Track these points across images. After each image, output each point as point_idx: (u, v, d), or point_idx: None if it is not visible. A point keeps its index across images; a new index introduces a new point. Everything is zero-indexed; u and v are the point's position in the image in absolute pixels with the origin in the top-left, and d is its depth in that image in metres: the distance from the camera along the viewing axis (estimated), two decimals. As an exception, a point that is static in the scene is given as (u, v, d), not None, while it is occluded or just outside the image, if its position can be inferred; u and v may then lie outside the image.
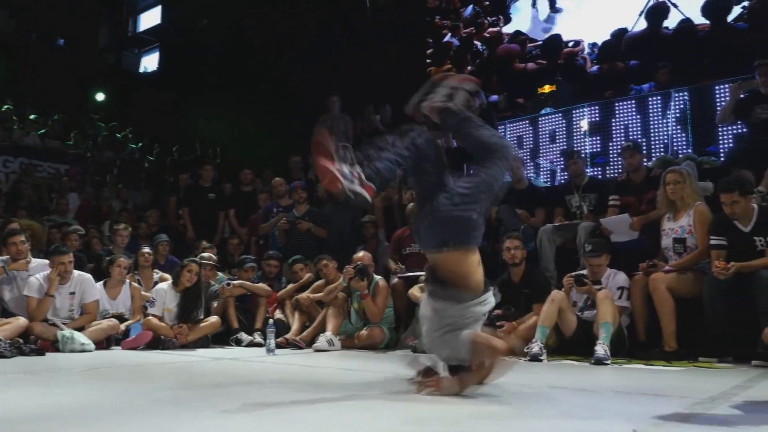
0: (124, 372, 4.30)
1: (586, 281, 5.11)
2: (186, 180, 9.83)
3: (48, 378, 3.95)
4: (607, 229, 5.78)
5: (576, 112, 8.26)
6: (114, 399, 3.10)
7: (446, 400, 2.93)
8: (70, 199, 9.96)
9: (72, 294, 5.90)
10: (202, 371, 4.43)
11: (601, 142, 7.95)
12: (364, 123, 10.94)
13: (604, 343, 4.62)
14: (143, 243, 8.00)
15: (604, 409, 2.83)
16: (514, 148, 2.56)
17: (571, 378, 4.03)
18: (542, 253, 6.20)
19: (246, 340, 6.30)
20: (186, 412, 2.68)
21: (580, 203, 6.38)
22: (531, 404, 3.02)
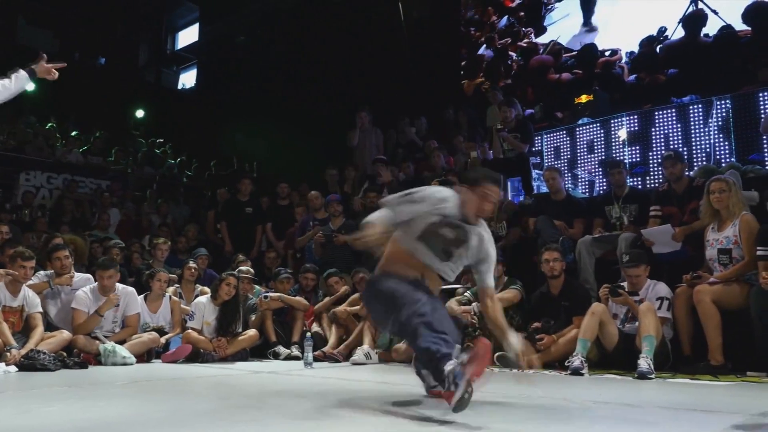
0: (164, 385, 4.34)
1: (622, 292, 5.02)
2: (224, 194, 9.95)
3: (91, 391, 4.02)
4: (649, 240, 5.66)
5: (614, 121, 8.14)
6: (156, 412, 3.13)
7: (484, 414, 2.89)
8: (111, 214, 10.16)
9: (116, 307, 5.99)
10: (241, 384, 4.45)
11: (640, 152, 7.82)
12: (399, 135, 10.97)
13: (647, 356, 4.51)
14: (182, 257, 8.11)
15: (651, 426, 2.76)
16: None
17: (615, 392, 3.94)
18: (581, 265, 6.10)
19: (284, 353, 6.32)
20: (227, 425, 2.69)
21: (621, 214, 6.26)
22: (575, 419, 2.95)
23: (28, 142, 12.49)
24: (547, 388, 4.24)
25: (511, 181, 8.47)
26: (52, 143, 12.80)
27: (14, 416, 2.92)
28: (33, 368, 4.82)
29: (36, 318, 5.50)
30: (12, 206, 10.59)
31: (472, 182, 3.41)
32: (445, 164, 8.87)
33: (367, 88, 12.15)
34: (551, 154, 8.69)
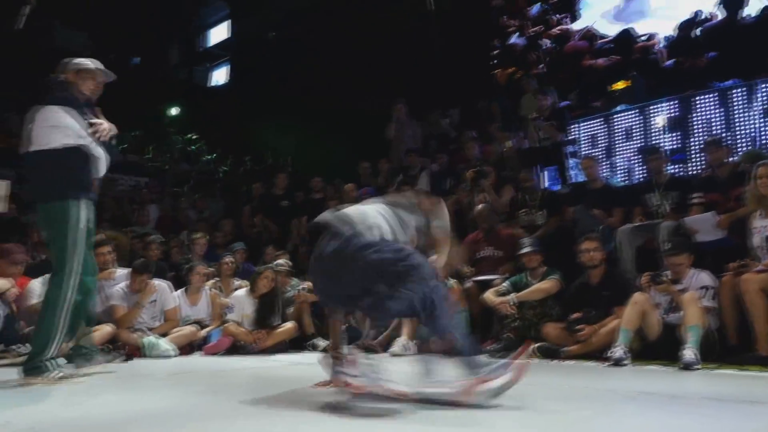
0: (206, 377, 4.40)
1: (664, 280, 4.92)
2: (259, 189, 10.03)
3: (136, 383, 4.09)
4: (692, 228, 5.54)
5: (653, 107, 7.97)
6: (198, 404, 3.17)
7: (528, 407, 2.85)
8: (150, 211, 10.32)
9: (153, 302, 6.11)
10: (281, 376, 4.48)
11: (680, 138, 7.64)
12: (432, 127, 10.92)
13: (692, 347, 4.41)
14: (220, 251, 8.20)
15: (698, 417, 2.70)
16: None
17: (659, 383, 3.87)
18: (621, 255, 5.99)
19: (321, 345, 6.35)
20: (269, 416, 2.71)
21: (661, 201, 6.14)
22: (621, 410, 2.91)
23: (67, 141, 12.73)
24: (588, 378, 4.19)
25: (547, 170, 8.37)
26: (90, 142, 13.04)
27: (64, 407, 2.99)
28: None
29: (81, 312, 5.62)
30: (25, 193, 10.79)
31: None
32: (479, 155, 8.80)
33: (399, 81, 12.11)
34: (588, 142, 8.55)
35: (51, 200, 3.89)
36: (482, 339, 6.08)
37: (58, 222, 3.85)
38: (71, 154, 3.89)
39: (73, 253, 3.82)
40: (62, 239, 3.82)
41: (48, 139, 3.89)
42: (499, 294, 5.84)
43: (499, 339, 5.67)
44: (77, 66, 4.24)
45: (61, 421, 2.58)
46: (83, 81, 4.21)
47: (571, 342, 5.29)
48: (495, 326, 5.98)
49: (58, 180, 3.87)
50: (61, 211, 3.84)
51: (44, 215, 3.96)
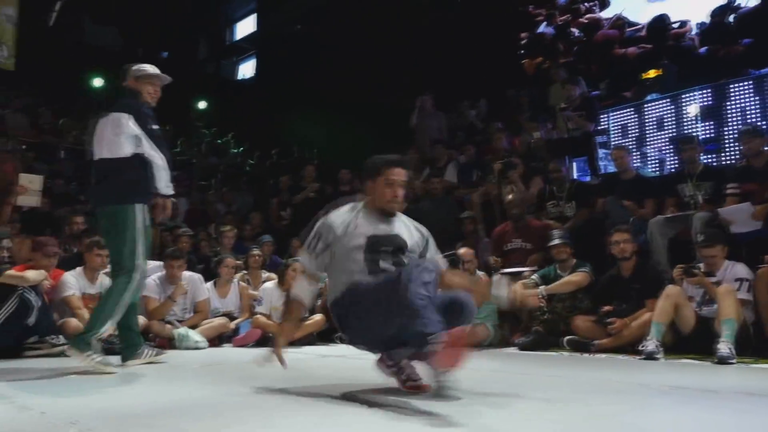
0: (236, 369, 4.43)
1: (697, 272, 4.82)
2: (287, 182, 10.08)
3: (168, 373, 4.13)
4: (727, 219, 5.42)
5: (685, 96, 7.82)
6: (230, 395, 3.19)
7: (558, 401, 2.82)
8: (179, 204, 10.44)
9: (184, 294, 6.17)
10: (310, 368, 4.49)
11: (714, 127, 7.49)
12: (459, 119, 10.85)
13: (728, 340, 4.32)
14: (248, 244, 8.26)
15: (735, 413, 2.64)
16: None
17: (693, 378, 3.80)
18: (653, 246, 5.89)
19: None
20: (299, 408, 2.72)
21: (695, 192, 6.02)
22: (654, 405, 2.86)
23: (98, 136, 12.93)
24: (620, 372, 4.13)
25: (576, 161, 8.27)
26: (120, 137, 13.23)
27: (98, 398, 3.04)
28: (112, 352, 4.99)
29: (113, 304, 5.71)
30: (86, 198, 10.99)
31: (371, 173, 3.29)
32: (507, 146, 8.72)
33: (426, 72, 12.05)
34: (618, 132, 8.43)
35: (115, 204, 4.07)
36: (511, 332, 6.05)
37: (124, 225, 4.04)
38: (135, 162, 4.06)
39: (139, 252, 4.05)
40: (130, 241, 4.03)
41: (115, 148, 4.06)
42: (529, 287, 5.79)
43: (528, 332, 5.62)
44: (136, 72, 4.39)
45: (97, 412, 2.61)
46: (143, 86, 4.37)
47: (601, 335, 5.23)
48: (524, 319, 5.94)
49: (122, 186, 4.05)
50: (124, 214, 4.03)
51: (108, 218, 4.14)
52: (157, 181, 4.10)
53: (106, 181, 4.10)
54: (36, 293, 4.75)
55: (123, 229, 4.01)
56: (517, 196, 6.84)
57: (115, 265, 4.13)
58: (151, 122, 4.20)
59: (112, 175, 4.06)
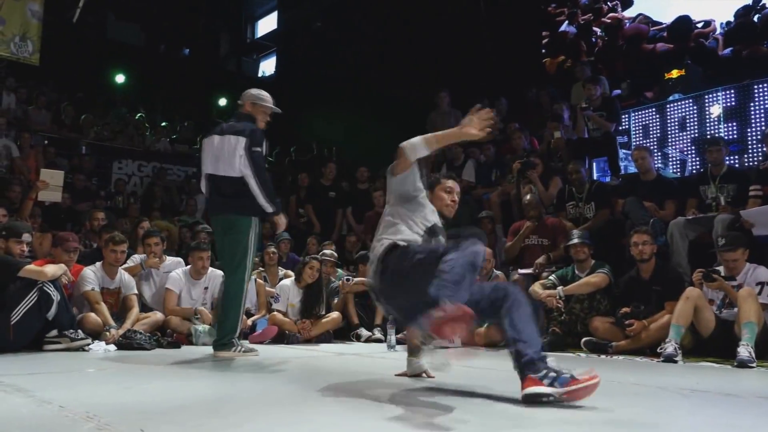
0: (253, 365, 4.45)
1: (717, 276, 4.76)
2: (305, 179, 10.10)
3: (185, 369, 4.16)
4: (749, 221, 5.35)
5: (708, 97, 7.71)
6: (247, 391, 3.21)
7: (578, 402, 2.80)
8: (198, 200, 10.51)
9: (206, 289, 6.21)
10: (326, 366, 4.51)
11: (737, 128, 7.38)
12: (478, 117, 10.78)
13: (748, 344, 4.27)
14: (266, 241, 8.28)
15: (753, 417, 2.60)
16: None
17: (713, 381, 3.75)
18: (674, 248, 5.84)
19: (365, 335, 6.38)
20: (316, 405, 2.73)
21: (717, 194, 5.94)
22: (673, 408, 2.83)
23: (119, 132, 13.08)
24: (638, 374, 4.09)
25: (596, 162, 8.20)
26: (141, 133, 13.36)
27: (117, 393, 3.06)
28: (130, 347, 5.05)
29: (132, 299, 5.77)
30: (106, 194, 11.12)
31: (432, 185, 3.66)
32: (527, 145, 8.67)
33: (447, 70, 12.01)
34: (639, 133, 8.34)
35: (237, 215, 4.65)
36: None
37: (241, 232, 4.64)
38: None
39: (250, 256, 4.69)
40: (244, 246, 4.64)
41: (237, 167, 4.60)
42: (546, 287, 5.75)
43: (545, 333, 5.58)
44: (254, 98, 4.93)
45: (115, 406, 2.63)
46: (257, 112, 4.89)
47: (620, 337, 5.19)
48: (541, 320, 5.90)
49: (245, 200, 4.61)
50: (246, 224, 4.64)
51: (227, 225, 4.71)
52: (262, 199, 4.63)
53: (233, 195, 4.64)
54: (55, 287, 4.80)
55: (244, 236, 4.62)
56: (534, 198, 6.80)
57: (235, 265, 4.68)
58: (260, 146, 4.66)
59: (238, 190, 4.59)
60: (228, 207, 4.69)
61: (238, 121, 4.81)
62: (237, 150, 4.58)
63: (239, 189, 4.59)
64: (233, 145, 4.61)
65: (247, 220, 4.64)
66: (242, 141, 4.60)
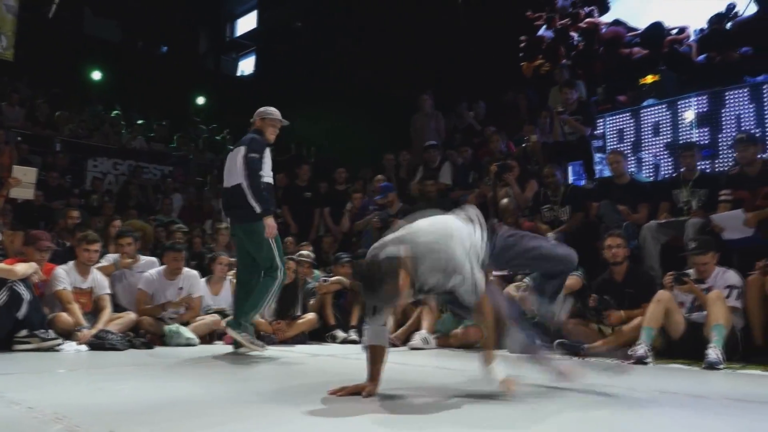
0: (228, 366, 4.44)
1: (687, 280, 4.84)
2: (283, 180, 10.08)
3: (158, 370, 4.14)
4: (719, 225, 5.45)
5: (682, 102, 7.83)
6: (220, 392, 3.20)
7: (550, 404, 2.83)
8: (174, 199, 10.43)
9: (180, 289, 6.16)
10: (301, 367, 4.51)
11: (709, 134, 7.50)
12: (457, 120, 10.85)
13: (716, 346, 4.35)
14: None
15: (721, 417, 2.66)
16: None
17: (682, 383, 3.81)
18: (646, 251, 5.92)
19: (341, 337, 6.38)
20: (290, 407, 2.72)
21: (689, 198, 6.04)
22: (642, 409, 2.87)
23: (95, 129, 12.92)
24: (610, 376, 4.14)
25: (572, 165, 8.28)
26: (117, 131, 13.22)
27: (88, 394, 3.04)
28: (102, 347, 5.00)
29: (104, 299, 5.71)
30: (81, 192, 10.98)
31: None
32: (504, 148, 8.73)
33: (425, 73, 12.05)
34: (614, 137, 8.44)
35: (249, 221, 4.90)
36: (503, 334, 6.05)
37: (257, 234, 4.89)
38: (266, 188, 4.95)
39: (277, 255, 4.97)
40: (267, 246, 4.92)
41: (239, 174, 4.90)
42: (521, 289, 5.80)
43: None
44: (261, 114, 5.22)
45: (86, 407, 2.61)
46: (266, 126, 5.17)
47: (592, 339, 5.25)
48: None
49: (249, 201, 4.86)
50: (259, 227, 4.87)
51: (247, 232, 4.98)
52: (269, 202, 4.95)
53: (235, 204, 4.95)
54: (26, 286, 4.74)
55: (266, 240, 4.88)
56: (510, 203, 6.85)
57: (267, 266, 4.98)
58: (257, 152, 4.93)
59: (237, 198, 4.88)
60: (239, 216, 4.99)
61: (248, 134, 5.14)
62: (238, 159, 4.92)
63: (243, 195, 4.85)
64: (236, 155, 4.97)
65: (259, 224, 4.87)
66: (242, 149, 4.93)
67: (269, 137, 5.18)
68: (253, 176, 4.85)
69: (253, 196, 4.83)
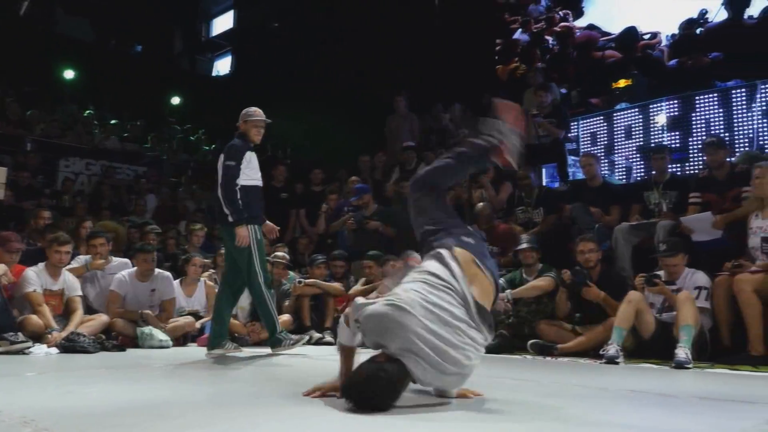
0: (201, 368, 4.41)
1: (658, 281, 4.93)
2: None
3: (130, 373, 4.10)
4: (688, 227, 5.55)
5: (653, 106, 7.96)
6: (193, 395, 3.18)
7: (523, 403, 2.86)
8: (147, 200, 10.32)
9: (153, 291, 6.11)
10: (275, 369, 4.49)
11: (680, 138, 7.63)
12: (432, 121, 10.90)
13: (685, 346, 4.43)
14: (218, 243, 8.19)
15: (689, 415, 2.71)
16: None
17: (652, 382, 3.87)
18: (618, 253, 6.00)
19: (315, 337, 6.36)
20: (264, 408, 2.72)
21: (660, 200, 6.14)
22: (613, 408, 2.91)
23: (67, 129, 12.74)
24: (581, 376, 4.20)
25: (546, 168, 8.36)
26: (90, 130, 13.04)
27: (57, 397, 3.00)
28: (73, 350, 4.94)
29: (76, 301, 5.64)
30: (52, 192, 10.82)
31: None
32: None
33: (402, 74, 12.07)
34: (587, 140, 8.55)
35: (230, 226, 4.91)
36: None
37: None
38: (249, 191, 5.00)
39: (256, 261, 4.94)
40: (247, 253, 4.92)
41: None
42: (495, 290, 5.84)
43: (494, 335, 5.66)
44: (244, 116, 5.27)
45: (55, 410, 2.58)
46: (250, 128, 5.22)
47: (565, 339, 5.33)
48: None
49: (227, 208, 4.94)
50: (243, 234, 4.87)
51: (230, 236, 4.96)
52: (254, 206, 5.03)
53: (218, 209, 5.03)
54: (-6, 288, 4.67)
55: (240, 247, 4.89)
56: (486, 209, 6.90)
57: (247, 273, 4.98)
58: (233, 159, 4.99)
59: (220, 203, 4.98)
60: (220, 219, 5.08)
61: (233, 140, 5.19)
62: (219, 166, 5.04)
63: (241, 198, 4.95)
64: (219, 161, 5.08)
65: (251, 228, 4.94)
66: (221, 157, 5.06)
67: (254, 138, 5.21)
68: (227, 185, 4.89)
69: (226, 205, 4.88)
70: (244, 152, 5.06)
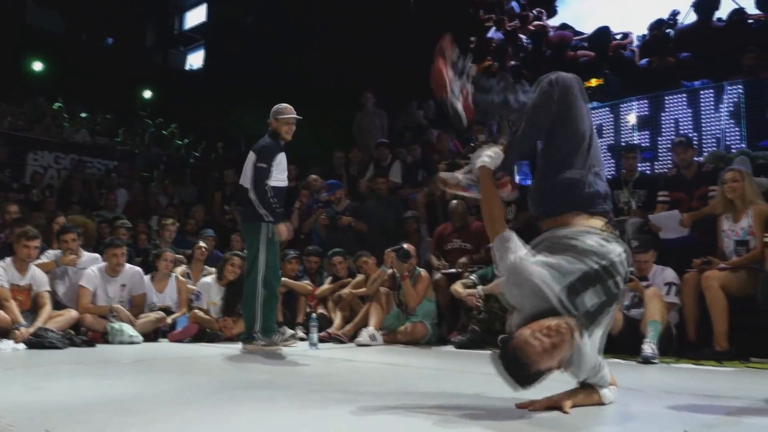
0: (171, 364, 4.38)
1: (632, 277, 5.00)
2: (231, 176, 9.95)
3: (99, 369, 4.06)
4: (656, 225, 5.64)
5: (624, 105, 8.05)
6: (163, 390, 3.16)
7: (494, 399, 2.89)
8: (118, 195, 10.19)
9: (123, 286, 6.05)
10: (247, 365, 4.47)
11: (649, 137, 7.74)
12: (407, 118, 10.91)
13: (651, 341, 4.51)
14: (190, 238, 8.14)
15: (654, 410, 2.76)
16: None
17: (618, 377, 3.86)
18: (588, 250, 6.07)
19: (287, 333, 6.34)
20: (233, 404, 2.72)
21: (629, 199, 6.23)
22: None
23: (36, 122, 12.52)
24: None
25: (518, 165, 8.42)
26: (59, 123, 12.83)
27: (23, 393, 2.96)
28: (41, 346, 4.87)
29: (44, 296, 5.55)
30: (20, 186, 10.63)
31: None
32: (453, 148, 8.82)
33: (376, 70, 12.08)
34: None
35: (249, 221, 5.16)
36: (449, 330, 6.15)
37: (252, 237, 5.10)
38: (275, 192, 5.07)
39: (261, 259, 5.04)
40: (255, 249, 5.07)
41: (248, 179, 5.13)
42: (467, 286, 5.89)
43: (465, 331, 5.72)
44: (274, 113, 5.30)
45: (21, 406, 2.55)
46: (281, 126, 5.25)
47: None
48: (462, 318, 6.04)
49: (252, 207, 5.06)
50: (255, 229, 5.07)
51: (245, 230, 5.28)
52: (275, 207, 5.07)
53: (242, 203, 5.28)
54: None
55: (256, 240, 5.06)
56: (459, 207, 6.94)
57: (249, 268, 5.16)
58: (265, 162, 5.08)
59: (244, 199, 5.15)
60: (242, 213, 5.36)
61: (264, 137, 5.28)
62: (249, 165, 5.14)
63: (248, 198, 5.08)
64: (249, 160, 5.18)
65: (256, 225, 5.05)
66: (253, 157, 5.14)
67: (285, 136, 5.26)
68: (257, 186, 5.02)
69: (261, 206, 5.01)
70: (276, 154, 5.14)
